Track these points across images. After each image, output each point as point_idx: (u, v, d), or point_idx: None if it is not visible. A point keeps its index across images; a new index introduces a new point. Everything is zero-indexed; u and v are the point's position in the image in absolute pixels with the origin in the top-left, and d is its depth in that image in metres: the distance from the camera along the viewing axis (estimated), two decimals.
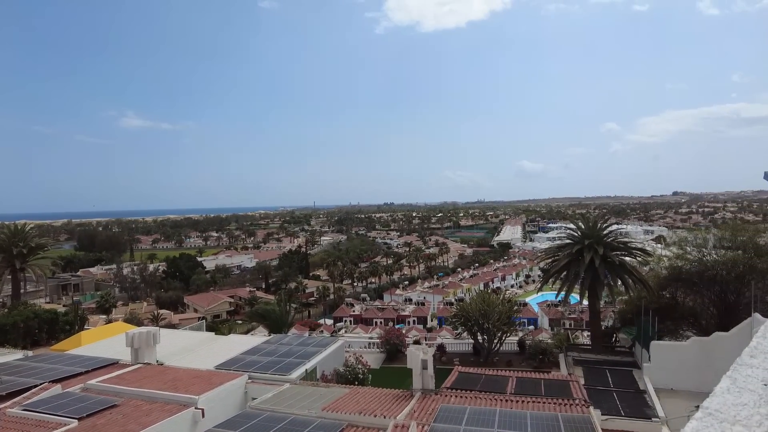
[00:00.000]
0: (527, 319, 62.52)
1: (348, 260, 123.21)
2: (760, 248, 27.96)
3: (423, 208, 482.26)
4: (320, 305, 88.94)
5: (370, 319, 71.92)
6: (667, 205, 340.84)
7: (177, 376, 21.21)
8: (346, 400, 18.07)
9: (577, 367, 26.62)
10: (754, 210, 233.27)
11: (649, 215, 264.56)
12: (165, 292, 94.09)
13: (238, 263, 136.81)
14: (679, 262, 30.49)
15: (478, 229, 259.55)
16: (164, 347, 25.38)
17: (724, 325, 25.23)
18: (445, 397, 18.11)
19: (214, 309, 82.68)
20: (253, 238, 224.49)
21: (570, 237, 33.17)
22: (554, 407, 17.05)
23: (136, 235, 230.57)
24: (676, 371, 22.40)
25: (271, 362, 23.19)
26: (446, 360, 32.31)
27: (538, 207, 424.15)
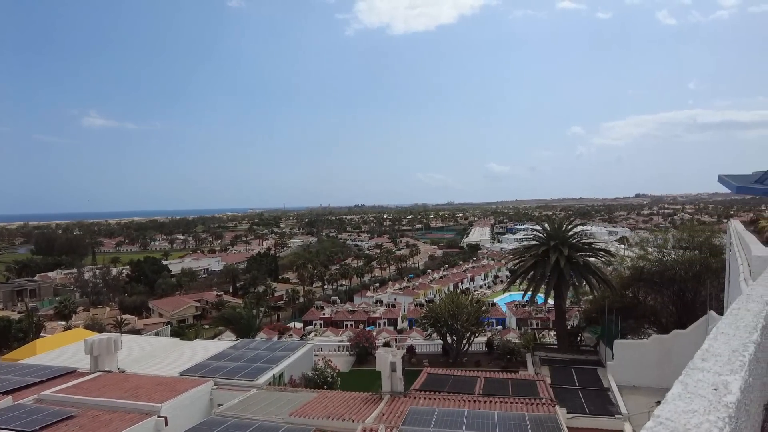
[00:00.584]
0: (495, 319, 63.28)
1: (318, 262, 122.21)
2: (714, 248, 29.09)
3: (394, 210, 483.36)
4: (290, 308, 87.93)
5: (340, 322, 71.46)
6: (630, 207, 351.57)
7: (139, 383, 20.53)
8: (314, 404, 17.85)
9: (544, 366, 27.08)
10: (710, 211, 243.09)
11: (612, 217, 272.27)
12: (129, 297, 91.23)
13: (205, 266, 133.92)
14: (641, 263, 31.46)
15: (448, 230, 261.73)
16: (126, 354, 24.56)
17: (682, 323, 26.14)
18: (414, 399, 18.11)
19: (180, 313, 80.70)
20: (220, 240, 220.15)
21: (536, 238, 33.76)
22: (521, 407, 17.28)
23: (99, 238, 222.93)
24: (638, 368, 23.01)
25: (238, 367, 22.73)
26: (416, 361, 32.35)
27: (506, 209, 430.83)
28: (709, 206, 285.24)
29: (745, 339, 2.59)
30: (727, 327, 2.85)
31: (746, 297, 3.85)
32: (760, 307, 3.39)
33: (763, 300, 3.64)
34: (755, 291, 3.98)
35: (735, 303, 3.70)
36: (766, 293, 3.85)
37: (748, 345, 2.48)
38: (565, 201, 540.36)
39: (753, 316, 3.15)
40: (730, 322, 2.99)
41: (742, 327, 2.84)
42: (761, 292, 3.92)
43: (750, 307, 3.43)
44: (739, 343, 2.50)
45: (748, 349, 2.41)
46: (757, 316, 3.14)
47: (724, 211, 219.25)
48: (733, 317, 3.14)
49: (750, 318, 3.07)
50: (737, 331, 2.74)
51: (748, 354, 2.31)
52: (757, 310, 3.32)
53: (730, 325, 2.90)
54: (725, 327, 2.85)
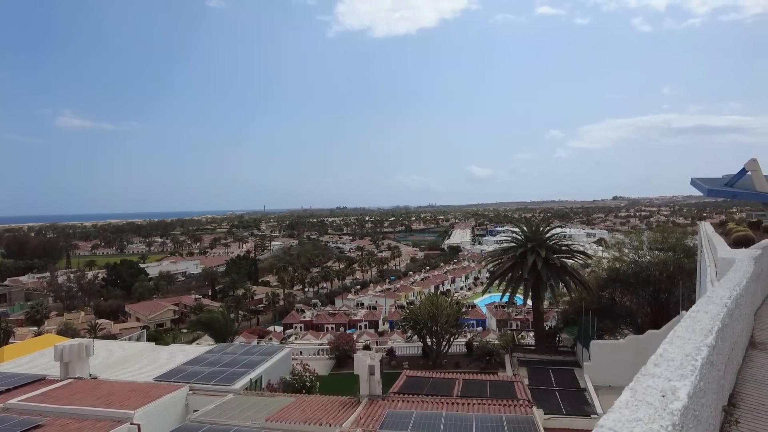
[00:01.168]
0: (475, 321, 63.67)
1: (299, 265, 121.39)
2: (687, 249, 29.73)
3: (376, 212, 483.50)
4: (270, 312, 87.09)
5: (321, 325, 71.07)
6: (607, 209, 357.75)
7: (112, 390, 20.00)
8: (291, 409, 17.63)
9: (522, 367, 27.28)
10: (684, 214, 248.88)
11: (590, 219, 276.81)
12: (105, 301, 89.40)
13: (183, 269, 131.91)
14: (617, 264, 31.98)
15: (429, 232, 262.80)
16: (99, 359, 23.94)
17: (657, 323, 26.64)
18: (392, 403, 18.01)
19: (157, 317, 79.38)
20: (199, 243, 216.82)
21: (514, 240, 34.05)
22: (499, 408, 17.32)
23: (74, 241, 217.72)
24: (613, 369, 23.30)
25: (214, 372, 22.33)
26: (396, 364, 32.30)
27: (486, 211, 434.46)
28: (684, 208, 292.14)
29: (699, 342, 2.58)
30: (684, 330, 2.84)
31: (707, 299, 3.88)
32: (718, 310, 3.40)
33: (722, 302, 3.66)
34: (716, 293, 4.01)
35: (695, 305, 3.72)
36: (726, 295, 3.89)
37: (702, 349, 2.46)
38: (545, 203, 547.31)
39: (710, 318, 3.15)
40: (688, 325, 2.99)
41: (698, 330, 2.84)
42: (721, 294, 3.95)
43: (708, 309, 3.44)
44: (693, 347, 2.48)
45: (701, 353, 2.39)
46: (715, 318, 3.15)
47: (697, 213, 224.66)
48: (691, 320, 3.14)
49: (707, 321, 3.08)
50: (693, 335, 2.73)
51: (700, 358, 2.30)
52: (714, 312, 3.33)
53: (687, 328, 2.90)
54: (682, 330, 2.84)
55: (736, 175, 30.87)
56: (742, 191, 30.16)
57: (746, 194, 30.30)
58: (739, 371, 4.45)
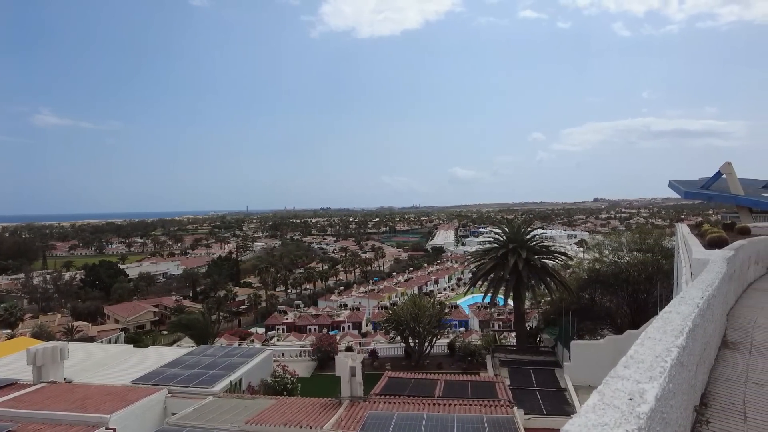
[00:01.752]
0: (458, 321, 63.89)
1: (282, 266, 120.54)
2: (665, 251, 30.25)
3: (360, 213, 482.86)
4: (251, 313, 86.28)
5: (303, 327, 70.62)
6: (588, 211, 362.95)
7: (87, 393, 19.55)
8: (271, 411, 17.43)
9: (504, 367, 27.45)
10: (663, 215, 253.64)
11: (572, 220, 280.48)
12: (82, 303, 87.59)
13: (164, 271, 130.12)
14: (597, 265, 32.38)
15: (413, 233, 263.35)
16: (75, 363, 23.40)
17: (636, 323, 27.03)
18: (374, 404, 17.94)
19: (136, 319, 78.14)
20: (180, 244, 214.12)
21: (496, 241, 34.27)
22: (480, 409, 17.36)
23: (51, 242, 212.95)
24: (593, 369, 23.53)
25: (194, 375, 22.00)
26: (378, 365, 32.24)
27: (469, 212, 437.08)
28: (663, 210, 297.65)
29: (670, 343, 2.57)
30: (655, 331, 2.84)
31: (679, 299, 3.90)
32: (690, 310, 3.42)
33: (694, 302, 3.68)
34: (689, 293, 4.04)
35: (668, 305, 3.74)
36: (698, 295, 3.92)
37: (672, 350, 2.46)
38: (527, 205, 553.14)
39: (682, 318, 3.16)
40: (659, 326, 2.99)
41: (670, 331, 2.84)
42: (694, 294, 3.98)
43: (680, 309, 3.46)
44: (663, 348, 2.47)
45: (671, 354, 2.38)
46: (686, 318, 3.16)
47: (675, 215, 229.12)
48: (662, 321, 3.15)
49: (678, 321, 3.09)
50: (664, 336, 2.73)
51: (670, 359, 2.28)
52: (686, 312, 3.35)
53: (659, 329, 2.90)
54: (653, 331, 2.84)
55: (711, 178, 31.69)
56: (718, 193, 30.94)
57: (721, 196, 31.08)
58: (712, 371, 4.50)
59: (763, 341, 6.04)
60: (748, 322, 7.26)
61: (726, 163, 30.17)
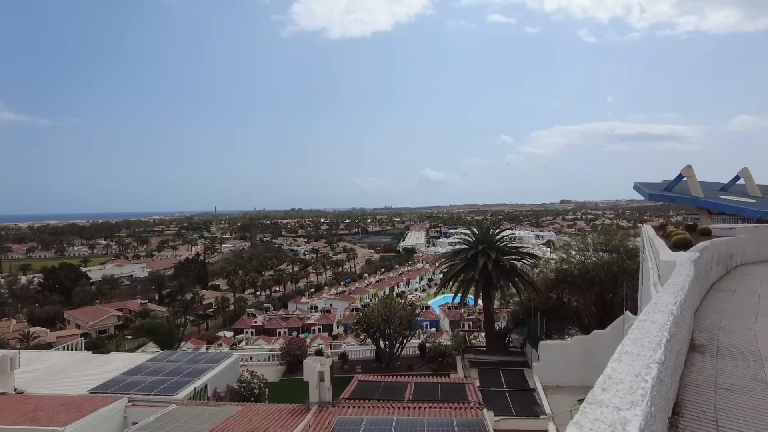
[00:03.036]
0: (429, 322, 64.07)
1: (251, 268, 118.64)
2: (630, 251, 30.90)
3: (331, 214, 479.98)
4: (219, 317, 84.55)
5: (273, 330, 69.60)
6: (555, 212, 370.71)
7: (40, 405, 18.60)
8: (237, 419, 16.93)
9: (474, 368, 27.50)
10: (627, 217, 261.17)
11: (539, 221, 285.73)
12: (40, 307, 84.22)
13: (129, 273, 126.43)
14: (564, 266, 32.84)
15: (385, 234, 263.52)
16: (28, 372, 22.25)
17: (603, 322, 27.46)
18: (343, 409, 17.63)
19: (99, 324, 75.54)
20: (146, 245, 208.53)
21: (465, 242, 34.40)
22: (450, 411, 17.27)
23: (6, 243, 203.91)
24: (561, 368, 23.82)
25: (156, 382, 21.25)
26: (349, 368, 31.90)
27: (440, 213, 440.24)
28: (627, 212, 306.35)
29: (649, 359, 2.40)
30: (632, 344, 2.67)
31: (653, 306, 3.77)
32: (665, 318, 3.29)
33: (668, 309, 3.56)
34: (662, 299, 3.92)
35: (642, 313, 3.59)
36: (671, 301, 3.81)
37: (652, 366, 2.28)
38: (496, 206, 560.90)
39: (658, 328, 3.01)
40: (636, 337, 2.83)
41: (647, 344, 2.67)
42: (667, 300, 3.87)
43: (656, 318, 3.32)
44: (642, 365, 2.30)
45: (651, 371, 2.20)
46: (662, 328, 3.02)
47: (639, 217, 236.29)
48: (639, 331, 2.98)
49: (655, 332, 2.93)
50: (641, 350, 2.56)
51: (650, 378, 2.10)
52: (662, 321, 3.21)
53: (635, 341, 2.73)
54: (630, 344, 2.66)
55: (673, 180, 32.59)
56: (680, 196, 31.82)
57: (683, 198, 31.98)
58: (681, 376, 4.42)
59: (728, 344, 6.06)
60: (713, 324, 7.30)
61: (687, 166, 31.05)
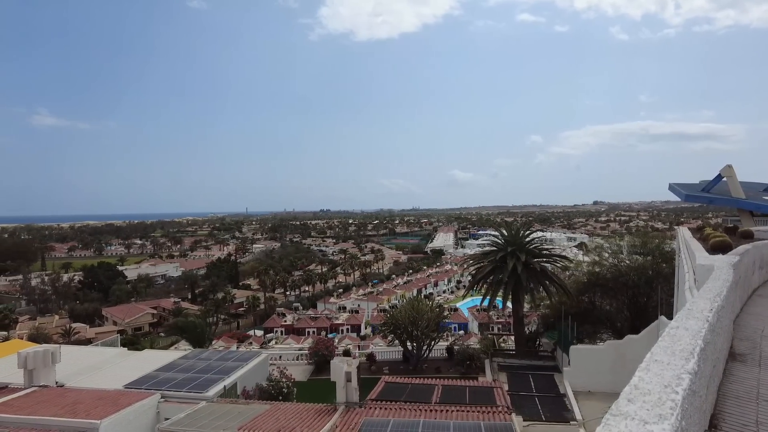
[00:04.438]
0: (457, 324, 63.52)
1: (281, 268, 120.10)
2: (665, 254, 29.92)
3: (359, 216, 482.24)
4: (250, 316, 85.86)
5: (302, 329, 70.25)
6: (588, 214, 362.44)
7: (78, 398, 19.26)
8: (265, 417, 17.12)
9: (502, 372, 27.12)
10: (663, 218, 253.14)
11: (571, 223, 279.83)
12: (80, 305, 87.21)
13: (163, 272, 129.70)
14: (596, 268, 32.04)
15: (413, 236, 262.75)
16: (68, 366, 23.12)
17: (636, 327, 26.68)
18: (370, 410, 17.63)
19: (134, 321, 77.71)
20: (179, 245, 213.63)
21: (494, 244, 33.94)
22: (477, 415, 17.05)
23: (50, 243, 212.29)
24: (593, 374, 23.24)
25: (188, 379, 21.71)
26: (376, 369, 31.87)
27: (469, 215, 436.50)
28: (662, 213, 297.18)
29: (680, 369, 2.25)
30: (662, 352, 2.52)
31: (686, 312, 3.58)
32: (699, 326, 3.11)
33: (704, 316, 3.37)
34: (696, 305, 3.71)
35: (674, 320, 3.42)
36: (707, 307, 3.61)
37: (683, 377, 2.14)
38: (526, 207, 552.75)
39: (691, 336, 2.84)
40: (666, 345, 2.67)
41: (678, 352, 2.51)
42: (702, 306, 3.66)
43: (689, 325, 3.14)
44: (673, 375, 2.16)
45: (682, 382, 2.07)
46: (696, 336, 2.85)
47: (675, 219, 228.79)
48: (669, 339, 2.82)
49: (688, 340, 2.77)
50: (672, 358, 2.42)
51: (681, 389, 1.97)
52: (696, 329, 3.03)
53: (666, 349, 2.58)
54: (660, 353, 2.52)
55: (712, 181, 31.39)
56: (719, 197, 30.64)
57: (722, 200, 30.78)
58: (720, 386, 4.20)
59: None
60: (755, 332, 6.95)
61: (726, 166, 29.88)
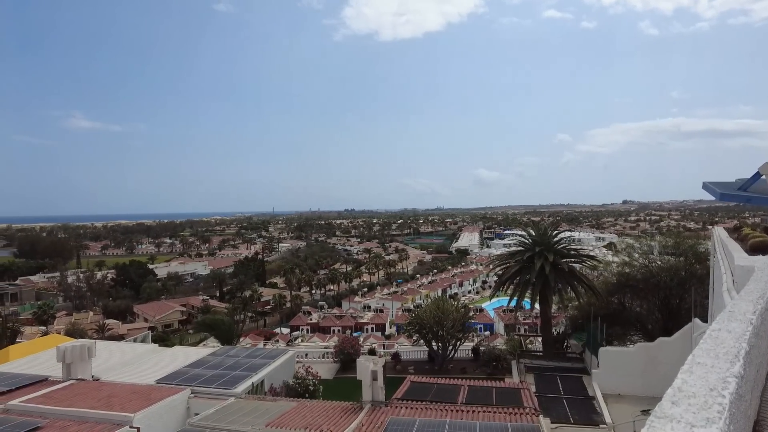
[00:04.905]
0: (483, 325, 62.99)
1: (306, 267, 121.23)
2: (699, 255, 29.05)
3: (384, 215, 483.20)
4: (276, 314, 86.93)
5: (327, 328, 70.72)
6: (617, 213, 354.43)
7: (113, 392, 19.85)
8: (292, 414, 17.33)
9: (529, 373, 26.79)
10: (695, 218, 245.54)
11: (600, 223, 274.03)
12: (113, 301, 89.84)
13: (192, 271, 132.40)
14: (626, 269, 31.32)
15: (437, 235, 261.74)
16: (103, 361, 23.86)
17: (668, 330, 26.00)
18: (395, 409, 17.65)
19: (164, 318, 79.58)
20: (208, 244, 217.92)
21: (521, 244, 33.53)
22: (504, 417, 16.89)
23: (84, 242, 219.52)
24: (623, 376, 22.78)
25: (216, 375, 22.12)
26: (401, 368, 31.91)
27: (494, 214, 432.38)
28: (695, 213, 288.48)
29: (725, 372, 2.19)
30: (705, 355, 2.46)
31: (728, 315, 3.47)
32: (743, 328, 3.01)
33: (747, 318, 3.26)
34: (738, 307, 3.60)
35: (716, 322, 3.32)
36: (750, 309, 3.49)
37: (729, 381, 2.08)
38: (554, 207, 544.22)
39: (735, 339, 2.76)
40: (709, 347, 2.60)
41: (722, 355, 2.44)
42: (745, 308, 3.54)
43: (732, 327, 3.04)
44: (718, 378, 2.11)
45: (728, 386, 2.01)
46: (740, 339, 2.76)
47: (709, 218, 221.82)
48: (712, 341, 2.75)
49: (731, 342, 2.69)
50: (716, 361, 2.35)
51: (728, 393, 1.92)
52: (740, 331, 2.94)
53: (709, 352, 2.51)
54: (703, 355, 2.45)
55: (750, 179, 30.19)
56: (757, 196, 29.48)
57: (761, 199, 29.62)
58: (762, 391, 4.05)
59: None
60: None
61: (766, 163, 28.79)
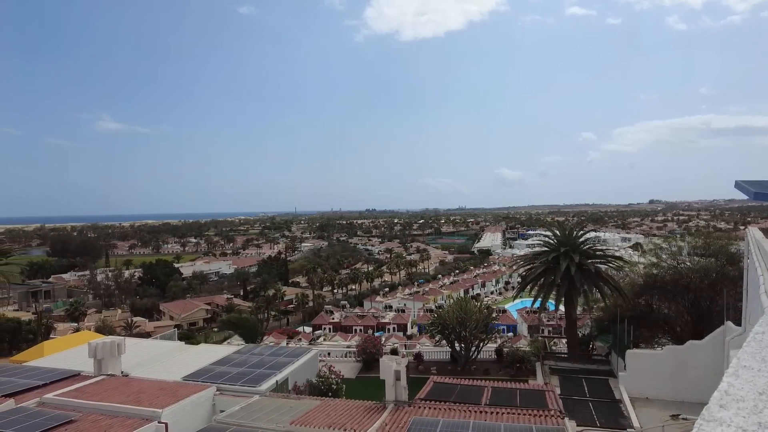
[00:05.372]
0: (506, 326, 62.37)
1: (328, 267, 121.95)
2: (731, 256, 28.23)
3: (405, 215, 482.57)
4: (299, 313, 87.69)
5: (349, 327, 71.02)
6: (643, 213, 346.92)
7: (142, 388, 20.35)
8: (316, 413, 17.48)
9: (554, 375, 26.43)
10: (726, 218, 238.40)
11: (626, 223, 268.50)
12: (140, 299, 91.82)
13: (216, 270, 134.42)
14: (654, 270, 30.63)
15: (459, 236, 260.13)
16: (131, 357, 24.46)
17: (698, 333, 25.33)
18: (418, 409, 17.64)
19: (190, 316, 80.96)
20: (232, 244, 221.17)
21: (546, 244, 33.11)
22: (529, 419, 16.72)
23: (112, 241, 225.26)
24: (651, 380, 22.29)
25: (241, 373, 22.45)
26: (423, 369, 31.87)
27: (517, 214, 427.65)
28: (726, 213, 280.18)
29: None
30: (751, 358, 2.39)
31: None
32: None
33: None
34: None
35: (758, 325, 3.23)
36: None
37: None
38: (578, 207, 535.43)
39: None
40: (754, 351, 2.53)
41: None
42: None
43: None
44: (767, 383, 2.06)
45: None
46: None
47: (741, 218, 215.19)
48: (756, 344, 2.67)
49: None
50: (763, 365, 2.29)
51: None
52: None
53: (754, 355, 2.44)
54: (748, 358, 2.39)
55: None
56: None
57: None
58: None
59: None
60: None
61: None
